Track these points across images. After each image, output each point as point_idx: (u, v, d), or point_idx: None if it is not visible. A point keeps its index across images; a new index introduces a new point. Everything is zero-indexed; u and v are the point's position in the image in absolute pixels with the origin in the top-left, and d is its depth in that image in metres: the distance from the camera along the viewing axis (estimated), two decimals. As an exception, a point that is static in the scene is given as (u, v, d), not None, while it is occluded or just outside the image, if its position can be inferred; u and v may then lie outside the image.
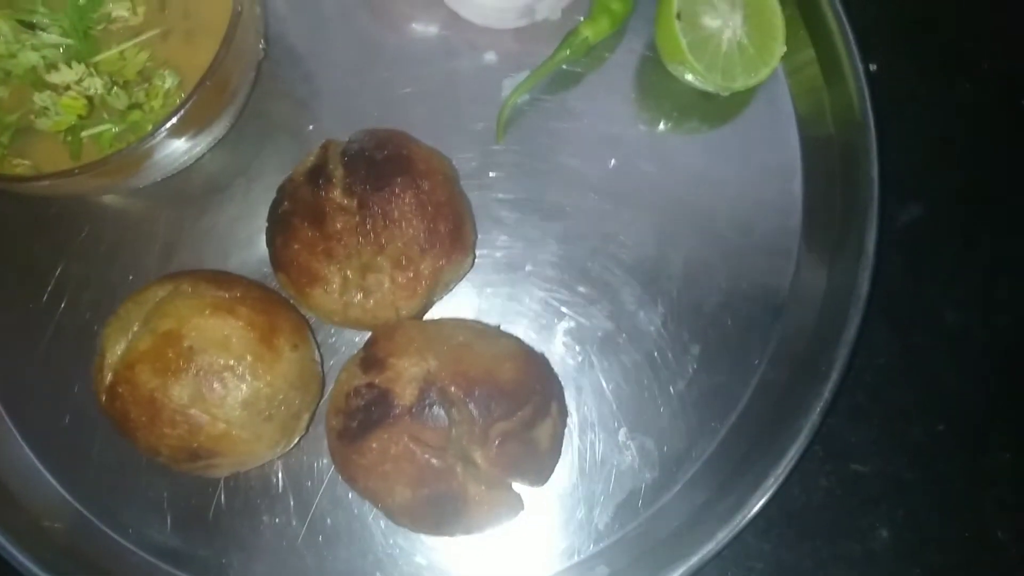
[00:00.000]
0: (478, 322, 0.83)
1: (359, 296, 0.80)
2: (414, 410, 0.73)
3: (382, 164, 0.79)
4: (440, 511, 0.75)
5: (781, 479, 0.80)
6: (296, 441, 0.81)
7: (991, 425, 0.92)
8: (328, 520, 0.84)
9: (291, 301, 0.84)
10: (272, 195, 0.84)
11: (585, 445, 0.86)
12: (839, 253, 0.88)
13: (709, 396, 0.87)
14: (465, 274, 0.86)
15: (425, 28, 0.96)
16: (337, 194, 0.80)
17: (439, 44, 0.95)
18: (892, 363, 0.93)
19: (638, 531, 0.85)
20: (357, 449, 0.75)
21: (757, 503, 0.80)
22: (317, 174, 0.80)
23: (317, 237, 0.79)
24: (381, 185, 0.78)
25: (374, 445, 0.74)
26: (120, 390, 0.74)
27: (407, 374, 0.75)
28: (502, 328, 0.84)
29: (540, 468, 0.79)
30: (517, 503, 0.78)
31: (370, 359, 0.77)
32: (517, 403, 0.75)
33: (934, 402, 0.92)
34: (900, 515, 0.89)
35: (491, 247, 0.90)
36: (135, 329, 0.76)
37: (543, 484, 0.80)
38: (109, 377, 0.76)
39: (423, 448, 0.73)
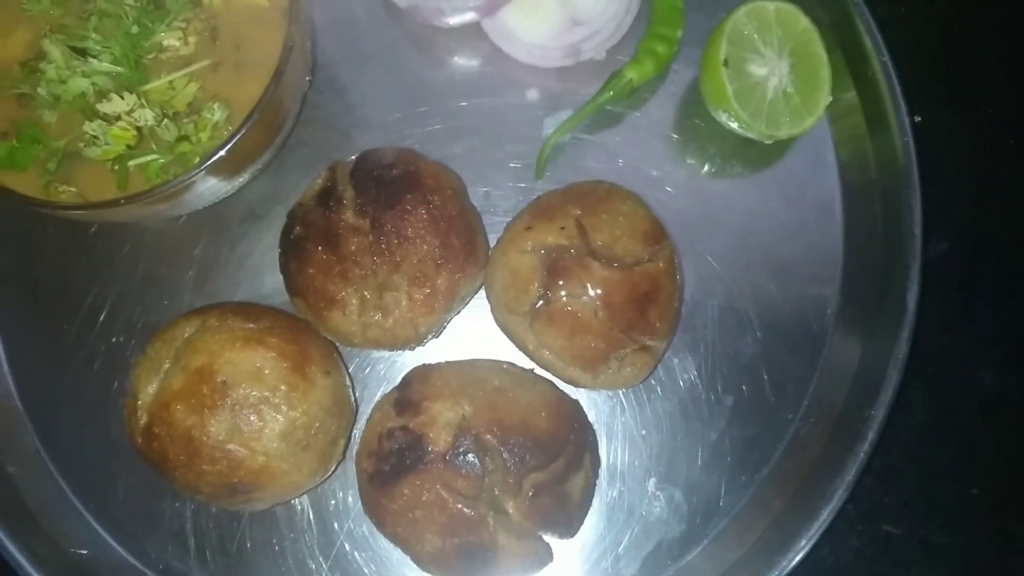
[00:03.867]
0: (512, 365, 0.83)
1: (378, 316, 0.79)
2: (448, 457, 0.73)
3: (392, 182, 0.79)
4: (469, 561, 0.74)
5: (813, 541, 0.79)
6: (334, 468, 0.81)
7: (1025, 491, 0.90)
8: (351, 558, 0.83)
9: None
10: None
11: (614, 493, 0.85)
12: (879, 308, 0.87)
13: (741, 449, 0.86)
14: (480, 286, 0.85)
15: (468, 63, 0.96)
16: (349, 215, 0.79)
17: (482, 80, 0.95)
18: (927, 423, 0.92)
19: (667, 582, 0.84)
20: (388, 494, 0.74)
21: (787, 565, 0.79)
22: (327, 196, 0.80)
23: (332, 260, 0.79)
24: (393, 203, 0.78)
25: (406, 491, 0.73)
26: (156, 431, 0.74)
27: (442, 419, 0.74)
28: (536, 372, 0.83)
29: (570, 521, 0.78)
30: (546, 554, 0.77)
31: (404, 401, 0.76)
32: (552, 455, 0.74)
33: (968, 465, 0.91)
34: (932, 581, 0.88)
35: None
36: (166, 367, 0.76)
37: (572, 536, 0.79)
38: (144, 419, 0.75)
39: (455, 496, 0.72)
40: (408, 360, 0.88)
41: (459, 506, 0.72)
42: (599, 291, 0.77)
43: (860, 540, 0.89)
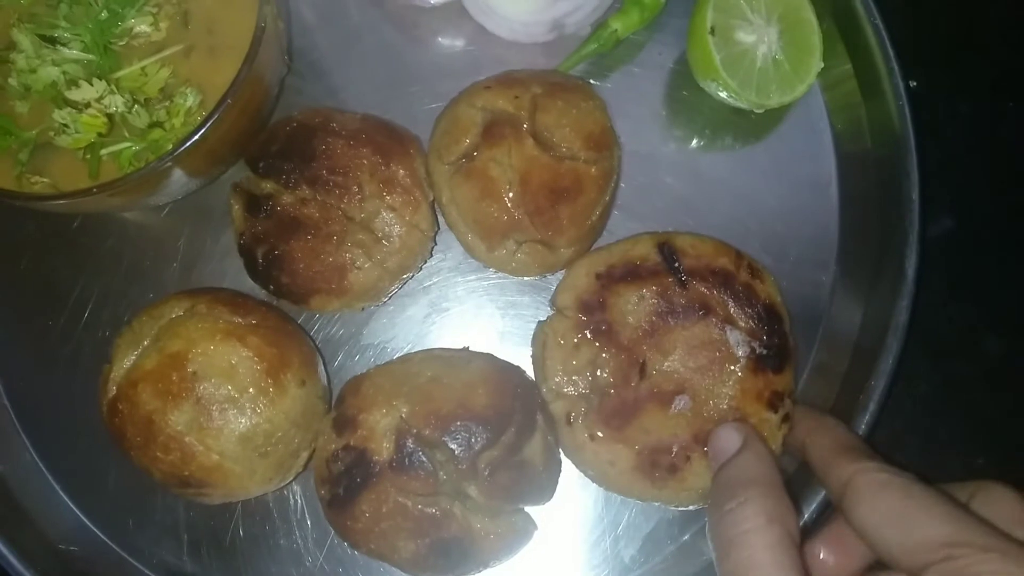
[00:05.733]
0: (446, 350, 0.82)
1: (384, 245, 0.79)
2: (394, 463, 0.71)
3: (292, 146, 0.79)
4: (447, 555, 0.72)
5: (815, 515, 0.77)
6: (292, 478, 0.79)
7: (1032, 459, 0.88)
8: (345, 549, 0.82)
9: (340, 311, 0.84)
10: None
11: (611, 474, 0.83)
12: (877, 278, 0.85)
13: (741, 425, 0.84)
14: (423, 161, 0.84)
15: (452, 43, 0.94)
16: (287, 198, 0.78)
17: (466, 59, 0.93)
18: (932, 393, 0.90)
19: (664, 565, 0.82)
20: (350, 515, 0.72)
21: (790, 539, 0.77)
22: (256, 205, 0.79)
23: (311, 240, 0.78)
24: (309, 156, 0.78)
25: (364, 508, 0.72)
26: (120, 407, 0.73)
27: (379, 428, 0.73)
28: (470, 349, 0.83)
29: (540, 486, 0.76)
30: (528, 525, 0.76)
31: (341, 419, 0.74)
32: (498, 428, 0.72)
33: (974, 434, 0.89)
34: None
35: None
36: (145, 344, 0.75)
37: (548, 501, 0.78)
38: (112, 391, 0.75)
39: (413, 499, 0.71)
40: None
41: (420, 506, 0.71)
42: (521, 167, 0.78)
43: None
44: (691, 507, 0.78)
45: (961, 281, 0.94)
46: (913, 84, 0.90)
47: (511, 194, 0.78)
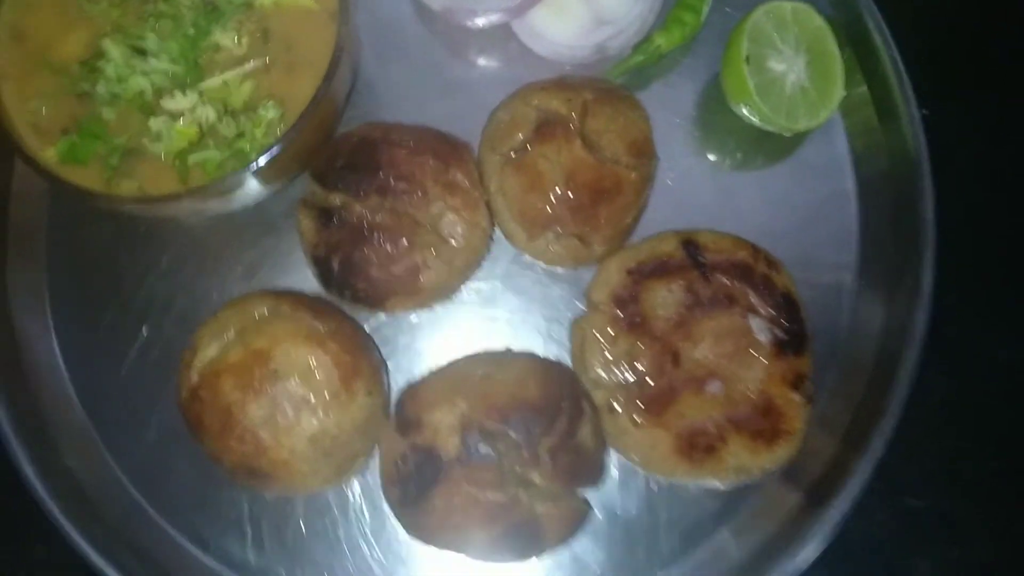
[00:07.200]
0: (489, 351, 0.87)
1: (451, 244, 0.84)
2: (462, 457, 0.76)
3: (357, 157, 0.83)
4: (518, 539, 0.77)
5: (844, 516, 0.83)
6: (343, 481, 0.83)
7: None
8: (402, 541, 0.86)
9: (414, 311, 0.88)
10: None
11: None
12: (896, 292, 0.91)
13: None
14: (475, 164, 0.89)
15: (497, 62, 1.00)
16: (357, 207, 0.83)
17: (513, 77, 0.96)
18: (948, 402, 0.95)
19: (703, 559, 0.87)
20: (423, 511, 0.77)
21: (820, 541, 0.82)
22: (326, 216, 0.83)
23: (384, 245, 0.82)
24: (375, 166, 0.83)
25: (437, 502, 0.76)
26: (202, 394, 0.76)
27: (444, 425, 0.77)
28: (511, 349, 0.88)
29: (594, 467, 0.81)
30: (586, 506, 0.81)
31: (404, 422, 0.79)
32: (552, 415, 0.77)
33: (989, 440, 0.94)
34: (955, 554, 0.92)
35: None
36: (230, 336, 0.78)
37: (603, 481, 0.83)
38: (195, 378, 0.78)
39: (483, 489, 0.76)
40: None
41: (489, 496, 0.75)
42: (568, 165, 0.84)
43: (885, 514, 0.92)
44: (728, 483, 0.84)
45: (973, 295, 0.99)
46: (925, 112, 0.97)
47: (557, 189, 0.84)
